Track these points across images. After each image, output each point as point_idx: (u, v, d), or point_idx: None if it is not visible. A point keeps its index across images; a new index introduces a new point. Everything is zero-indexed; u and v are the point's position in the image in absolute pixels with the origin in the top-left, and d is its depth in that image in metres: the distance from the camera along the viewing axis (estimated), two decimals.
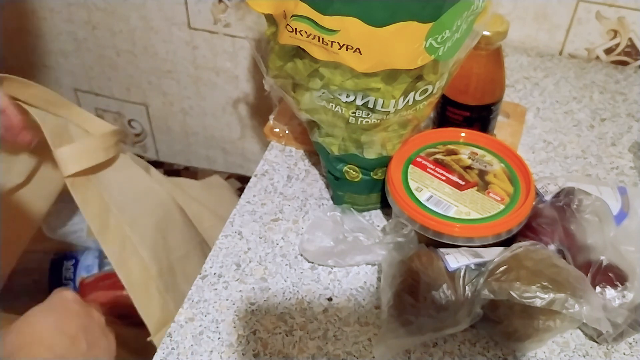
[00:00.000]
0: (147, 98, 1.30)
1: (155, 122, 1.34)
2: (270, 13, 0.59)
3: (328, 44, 0.55)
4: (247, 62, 1.15)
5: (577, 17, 0.93)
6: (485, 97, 0.72)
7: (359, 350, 0.60)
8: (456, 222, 0.61)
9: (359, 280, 0.66)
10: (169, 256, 0.86)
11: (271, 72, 0.64)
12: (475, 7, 0.58)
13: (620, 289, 0.58)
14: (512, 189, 0.64)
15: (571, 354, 0.60)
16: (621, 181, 0.76)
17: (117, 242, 0.80)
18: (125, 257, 0.80)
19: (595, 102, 0.88)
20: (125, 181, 0.85)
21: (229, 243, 0.70)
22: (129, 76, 1.27)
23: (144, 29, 1.17)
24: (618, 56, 0.95)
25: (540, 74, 0.93)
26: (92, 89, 1.33)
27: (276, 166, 0.79)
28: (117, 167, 0.85)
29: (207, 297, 0.65)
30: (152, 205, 0.87)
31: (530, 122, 0.84)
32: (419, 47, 0.55)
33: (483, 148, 0.69)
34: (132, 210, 0.83)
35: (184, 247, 0.90)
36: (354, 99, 0.61)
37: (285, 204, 0.74)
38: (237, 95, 1.22)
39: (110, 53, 1.24)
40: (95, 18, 1.19)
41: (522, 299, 0.53)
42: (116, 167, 0.84)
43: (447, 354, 0.59)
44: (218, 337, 0.61)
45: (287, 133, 0.81)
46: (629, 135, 0.83)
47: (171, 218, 0.90)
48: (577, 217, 0.61)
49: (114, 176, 0.83)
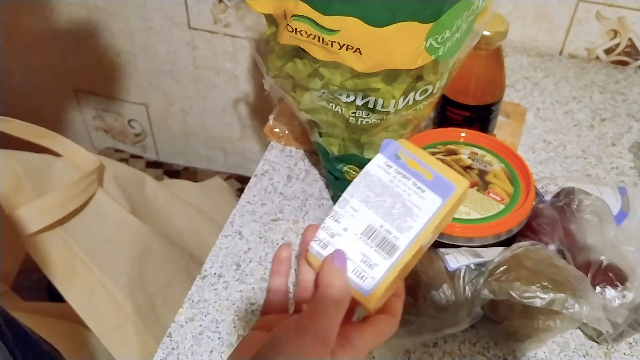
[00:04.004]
0: (147, 98, 1.30)
1: (155, 122, 1.34)
2: (270, 13, 0.59)
3: (328, 44, 0.55)
4: (247, 62, 1.15)
5: (577, 17, 0.93)
6: (485, 97, 0.72)
7: None
8: (456, 222, 0.61)
9: None
10: (148, 290, 0.85)
11: (271, 72, 0.64)
12: (475, 7, 0.58)
13: (620, 289, 0.58)
14: (512, 189, 0.64)
15: (571, 354, 0.60)
16: (621, 181, 0.76)
17: (85, 290, 0.78)
18: (95, 304, 0.78)
19: (595, 102, 0.88)
20: (97, 222, 0.83)
21: (229, 243, 0.70)
22: (129, 76, 1.27)
23: (144, 29, 1.17)
24: (618, 56, 0.95)
25: (540, 74, 0.93)
26: (92, 89, 1.33)
27: (276, 166, 0.79)
28: (89, 210, 0.82)
29: (207, 297, 0.65)
30: (127, 241, 0.85)
31: (530, 122, 0.84)
32: (419, 47, 0.55)
33: (483, 148, 0.69)
34: (104, 251, 0.82)
35: (164, 276, 0.88)
36: (354, 99, 0.61)
37: (285, 204, 0.74)
38: (237, 95, 1.22)
39: (110, 53, 1.24)
40: (95, 18, 1.19)
41: (522, 299, 0.53)
42: (87, 211, 0.82)
43: (447, 354, 0.59)
44: (218, 337, 0.61)
45: (287, 133, 0.81)
46: (629, 135, 0.83)
47: (149, 249, 0.87)
48: (577, 217, 0.61)
49: (83, 221, 0.81)
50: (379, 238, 0.40)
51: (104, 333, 0.78)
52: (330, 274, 0.38)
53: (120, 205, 0.86)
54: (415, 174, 0.41)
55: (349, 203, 0.41)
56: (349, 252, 0.40)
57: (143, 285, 0.84)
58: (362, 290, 0.39)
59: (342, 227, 0.40)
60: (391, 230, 0.40)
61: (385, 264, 0.39)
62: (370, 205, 0.40)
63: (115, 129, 1.40)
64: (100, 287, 0.80)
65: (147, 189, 0.95)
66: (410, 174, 0.41)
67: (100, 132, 1.42)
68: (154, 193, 0.95)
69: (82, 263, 0.79)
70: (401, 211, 0.40)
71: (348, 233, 0.40)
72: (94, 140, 1.44)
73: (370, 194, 0.41)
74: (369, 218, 0.40)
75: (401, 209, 0.40)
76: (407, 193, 0.40)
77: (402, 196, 0.40)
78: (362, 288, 0.39)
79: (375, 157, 0.42)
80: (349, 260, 0.39)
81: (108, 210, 0.84)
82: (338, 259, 0.39)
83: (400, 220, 0.40)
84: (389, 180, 0.41)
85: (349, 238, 0.40)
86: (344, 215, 0.41)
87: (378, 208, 0.40)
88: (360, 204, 0.41)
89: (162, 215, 0.95)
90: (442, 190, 0.40)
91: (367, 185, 0.41)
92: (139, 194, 0.93)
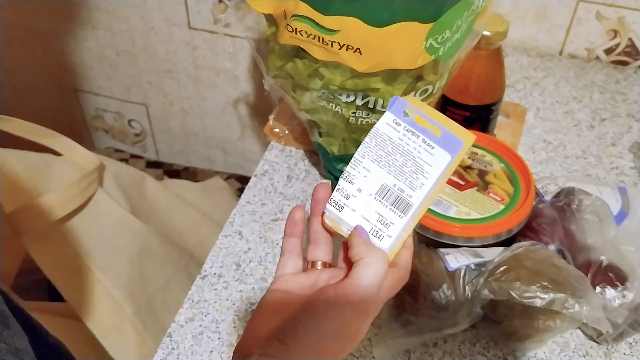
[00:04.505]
0: (147, 98, 1.30)
1: (155, 122, 1.34)
2: (270, 13, 0.59)
3: (328, 44, 0.55)
4: (247, 62, 1.15)
5: (577, 17, 0.93)
6: (485, 97, 0.72)
7: (359, 350, 0.60)
8: (456, 222, 0.61)
9: None
10: (147, 290, 0.85)
11: (271, 72, 0.64)
12: (475, 7, 0.58)
13: (620, 289, 0.58)
14: (512, 189, 0.64)
15: (571, 354, 0.60)
16: (621, 181, 0.76)
17: (84, 290, 0.78)
18: (94, 304, 0.79)
19: (595, 102, 0.88)
20: (97, 222, 0.83)
21: (229, 243, 0.70)
22: (129, 76, 1.27)
23: (144, 29, 1.17)
24: (618, 56, 0.95)
25: (540, 74, 0.93)
26: (92, 89, 1.33)
27: (276, 166, 0.79)
28: (89, 210, 0.82)
29: (207, 297, 0.65)
30: (127, 241, 0.85)
31: (530, 122, 0.84)
32: (419, 47, 0.55)
33: (483, 148, 0.69)
34: (104, 251, 0.82)
35: (164, 275, 0.88)
36: (354, 99, 0.61)
37: (285, 204, 0.74)
38: (237, 95, 1.22)
39: (110, 53, 1.24)
40: (95, 18, 1.19)
41: (522, 299, 0.53)
42: (87, 211, 0.82)
43: (447, 354, 0.59)
44: (218, 337, 0.61)
45: (287, 133, 0.81)
46: (629, 135, 0.83)
47: (149, 249, 0.87)
48: (577, 217, 0.61)
49: (83, 221, 0.81)
50: (393, 197, 0.41)
51: (103, 333, 0.78)
52: (368, 247, 0.40)
53: (120, 205, 0.86)
54: (424, 131, 0.42)
55: (361, 163, 0.42)
56: (365, 212, 0.41)
57: (143, 285, 0.84)
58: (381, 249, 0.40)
59: (356, 188, 0.41)
60: (404, 188, 0.41)
61: (400, 222, 0.41)
62: (382, 164, 0.41)
63: (115, 129, 1.40)
64: (100, 287, 0.80)
65: (147, 189, 0.95)
66: (419, 131, 0.42)
67: (100, 132, 1.42)
68: (154, 193, 0.95)
69: (82, 263, 0.79)
70: (412, 169, 0.41)
71: (362, 194, 0.41)
72: (94, 140, 1.44)
73: (381, 152, 0.42)
74: (382, 178, 0.41)
75: (412, 167, 0.41)
76: (417, 150, 0.41)
77: (412, 154, 0.41)
78: (381, 247, 0.40)
79: (383, 115, 0.42)
80: (366, 221, 0.41)
81: (108, 210, 0.84)
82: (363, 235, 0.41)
83: (412, 178, 0.41)
84: (399, 138, 0.42)
85: (364, 199, 0.41)
86: (357, 176, 0.41)
87: (390, 167, 0.41)
88: (372, 164, 0.42)
89: (162, 215, 0.95)
90: (451, 145, 0.41)
91: (378, 145, 0.42)
92: (139, 194, 0.93)
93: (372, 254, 0.40)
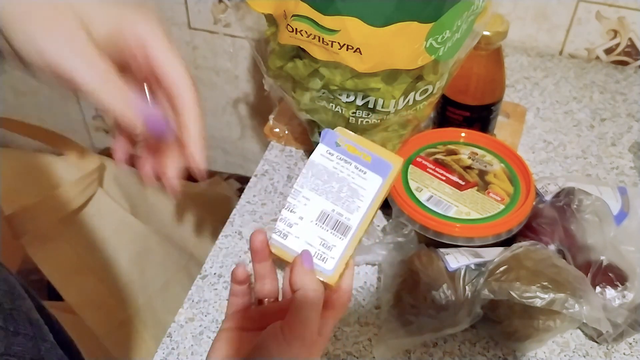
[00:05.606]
0: None
1: None
2: (270, 13, 0.59)
3: (328, 44, 0.55)
4: (247, 62, 1.15)
5: (577, 17, 0.93)
6: (485, 97, 0.72)
7: (359, 350, 0.60)
8: (456, 222, 0.61)
9: (359, 280, 0.66)
10: (147, 290, 0.85)
11: (271, 72, 0.64)
12: (475, 7, 0.58)
13: (620, 289, 0.58)
14: (512, 189, 0.64)
15: (571, 354, 0.60)
16: (621, 181, 0.76)
17: (84, 291, 0.79)
18: (94, 304, 0.79)
19: (595, 102, 0.88)
20: (97, 222, 0.83)
21: (229, 243, 0.70)
22: None
23: None
24: (618, 56, 0.95)
25: (540, 74, 0.93)
26: None
27: (276, 166, 0.79)
28: (89, 210, 0.82)
29: (207, 297, 0.65)
30: (127, 241, 0.85)
31: (530, 122, 0.84)
32: (419, 47, 0.55)
33: (483, 148, 0.69)
34: (104, 251, 0.82)
35: (164, 275, 0.88)
36: (354, 99, 0.61)
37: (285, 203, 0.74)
38: (237, 95, 1.21)
39: None
40: None
41: (522, 299, 0.53)
42: (87, 211, 0.82)
43: (447, 354, 0.59)
44: None
45: (287, 133, 0.81)
46: (629, 135, 0.83)
47: (149, 249, 0.87)
48: (577, 217, 0.61)
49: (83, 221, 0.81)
50: (332, 221, 0.43)
51: (103, 333, 0.78)
52: (305, 277, 0.41)
53: (120, 205, 0.86)
54: (356, 158, 0.45)
55: (300, 193, 0.44)
56: (308, 238, 0.43)
57: (143, 286, 0.84)
58: (325, 271, 0.43)
59: (298, 216, 0.44)
60: (342, 212, 0.44)
61: (342, 244, 0.43)
62: (320, 192, 0.44)
63: None
64: (100, 287, 0.80)
65: (147, 189, 0.95)
66: (351, 158, 0.45)
67: (100, 132, 1.42)
68: (154, 193, 0.95)
69: (82, 263, 0.79)
70: (348, 194, 0.44)
71: (304, 221, 0.44)
72: (94, 140, 1.44)
73: (318, 182, 0.44)
74: (321, 204, 0.44)
75: (348, 192, 0.44)
76: (351, 177, 0.44)
77: (347, 180, 0.44)
78: (325, 269, 0.43)
79: (317, 148, 0.45)
80: (309, 245, 0.43)
81: (108, 210, 0.84)
82: (307, 260, 0.42)
83: (349, 202, 0.44)
84: (333, 167, 0.44)
85: (306, 225, 0.43)
86: (298, 205, 0.44)
87: (327, 194, 0.44)
88: (311, 193, 0.44)
89: (162, 215, 0.95)
90: (381, 169, 0.44)
91: (314, 175, 0.44)
92: (139, 194, 0.93)
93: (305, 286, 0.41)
